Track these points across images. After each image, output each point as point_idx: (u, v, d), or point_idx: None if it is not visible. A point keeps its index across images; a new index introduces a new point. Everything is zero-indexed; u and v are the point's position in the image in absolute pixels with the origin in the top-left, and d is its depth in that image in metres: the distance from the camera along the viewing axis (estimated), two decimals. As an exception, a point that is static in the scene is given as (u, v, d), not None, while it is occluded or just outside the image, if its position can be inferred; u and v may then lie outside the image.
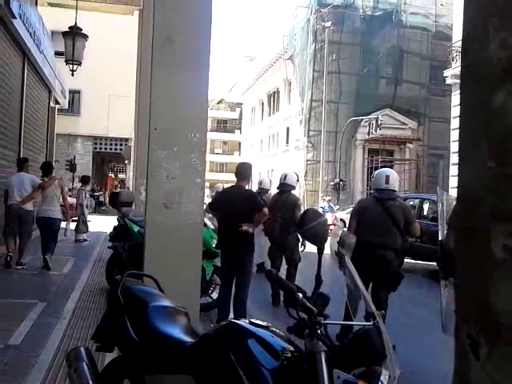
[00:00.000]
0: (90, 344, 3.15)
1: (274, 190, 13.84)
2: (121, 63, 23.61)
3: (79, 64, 12.44)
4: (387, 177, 5.61)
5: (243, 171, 6.09)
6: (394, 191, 5.62)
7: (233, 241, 5.76)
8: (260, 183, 10.85)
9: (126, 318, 2.64)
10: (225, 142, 67.08)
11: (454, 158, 23.78)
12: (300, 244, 7.71)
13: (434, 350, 6.00)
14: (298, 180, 8.72)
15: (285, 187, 8.10)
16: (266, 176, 27.73)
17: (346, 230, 5.97)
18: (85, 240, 13.98)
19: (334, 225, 16.62)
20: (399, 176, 7.51)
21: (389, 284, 5.39)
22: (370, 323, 2.21)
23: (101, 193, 33.36)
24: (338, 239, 5.54)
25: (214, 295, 6.85)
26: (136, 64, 11.44)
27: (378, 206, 5.51)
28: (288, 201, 7.87)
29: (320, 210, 16.27)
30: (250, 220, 5.73)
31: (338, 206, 24.68)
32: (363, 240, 5.44)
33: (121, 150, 29.58)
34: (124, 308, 2.68)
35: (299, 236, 7.42)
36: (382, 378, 2.04)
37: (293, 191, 8.23)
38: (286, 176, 8.22)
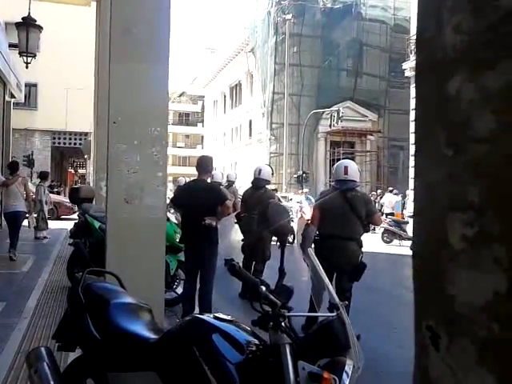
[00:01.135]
0: (52, 344, 3.07)
1: (238, 183, 13.90)
2: (79, 55, 23.03)
3: (34, 56, 12.08)
4: (346, 168, 5.65)
5: (204, 164, 6.05)
6: (354, 181, 5.67)
7: (196, 235, 5.71)
8: (227, 176, 12.15)
9: (88, 316, 2.59)
10: (187, 136, 66.51)
11: (414, 150, 24.26)
12: (276, 241, 7.61)
13: (401, 338, 6.11)
14: (272, 174, 8.58)
15: (260, 182, 7.89)
16: (230, 169, 27.78)
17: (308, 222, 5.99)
18: (45, 237, 13.65)
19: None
20: (360, 168, 7.64)
21: (352, 274, 5.45)
22: (334, 314, 2.22)
23: (60, 189, 32.62)
24: (301, 232, 5.56)
25: (179, 290, 6.80)
26: (94, 56, 11.19)
27: (340, 198, 5.54)
28: (264, 197, 7.59)
29: (297, 205, 16.22)
30: (213, 213, 5.69)
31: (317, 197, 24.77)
32: (326, 232, 5.48)
33: (80, 144, 28.96)
34: (85, 306, 2.62)
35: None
36: (346, 367, 2.05)
37: (267, 186, 8.10)
38: (260, 170, 7.99)
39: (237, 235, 8.44)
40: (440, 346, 0.59)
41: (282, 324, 2.12)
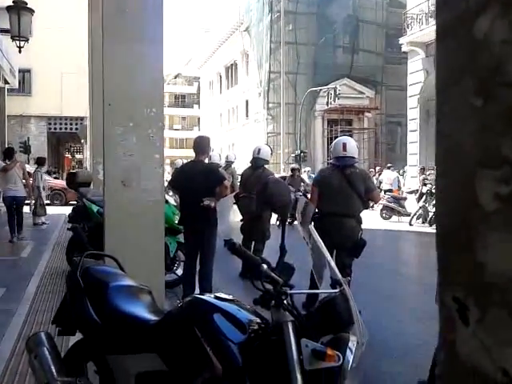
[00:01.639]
0: (53, 328, 3.06)
1: (236, 164, 13.84)
2: (72, 39, 22.80)
3: (26, 40, 11.91)
4: (344, 144, 5.60)
5: (201, 145, 5.99)
6: (353, 158, 5.63)
7: (195, 216, 5.68)
8: (226, 157, 12.19)
9: (87, 300, 2.56)
10: (183, 118, 66.13)
11: (412, 125, 24.14)
12: (276, 219, 7.59)
13: (399, 313, 6.14)
14: (272, 153, 8.54)
15: (258, 162, 7.85)
16: (228, 151, 27.76)
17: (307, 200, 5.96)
18: (43, 223, 13.64)
19: None
20: (358, 145, 7.57)
21: (352, 251, 5.44)
22: (337, 290, 2.20)
23: (58, 174, 32.52)
24: (301, 210, 5.53)
25: (179, 271, 6.81)
26: (88, 38, 11.03)
27: (338, 175, 5.51)
28: (263, 176, 7.53)
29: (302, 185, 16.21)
30: (212, 194, 5.66)
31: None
32: (325, 209, 5.45)
33: (76, 129, 28.78)
34: (84, 290, 2.60)
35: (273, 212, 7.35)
36: (350, 344, 2.03)
37: (266, 165, 8.04)
38: (259, 150, 7.94)
39: (235, 216, 8.42)
40: (469, 320, 0.54)
41: (284, 302, 2.09)
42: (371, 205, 9.54)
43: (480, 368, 0.52)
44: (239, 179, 9.02)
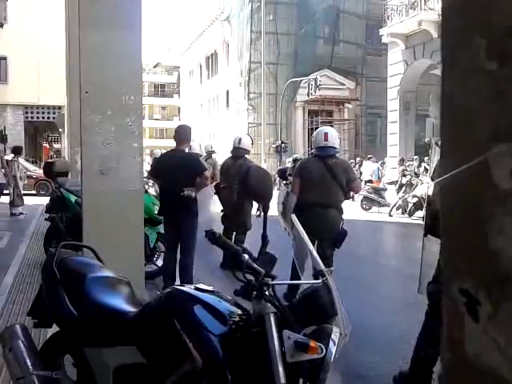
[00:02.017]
0: (29, 321, 2.98)
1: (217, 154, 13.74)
2: (49, 26, 22.38)
3: (0, 26, 11.64)
4: (326, 134, 5.58)
5: (182, 134, 5.91)
6: (335, 148, 5.61)
7: (175, 206, 5.61)
8: (205, 148, 12.39)
9: (63, 292, 2.49)
10: (163, 108, 65.51)
11: (391, 117, 24.27)
12: (256, 210, 7.51)
13: (380, 304, 6.16)
14: (252, 144, 8.45)
15: (239, 152, 7.67)
16: (208, 141, 27.64)
17: (289, 190, 5.92)
18: (21, 213, 13.40)
19: None
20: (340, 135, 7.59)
21: (333, 241, 5.43)
22: (319, 281, 2.17)
23: (36, 164, 32.00)
24: (282, 200, 5.50)
25: (159, 262, 6.74)
26: (65, 25, 10.81)
27: (320, 165, 5.48)
28: (244, 167, 7.28)
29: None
30: (192, 184, 5.59)
31: None
32: (306, 199, 5.42)
33: (54, 118, 28.32)
34: (60, 281, 2.53)
35: (254, 202, 7.29)
36: (332, 335, 2.01)
37: (247, 156, 7.96)
38: (240, 140, 7.77)
39: (216, 206, 8.34)
40: (480, 315, 0.48)
41: (266, 293, 2.05)
42: (352, 195, 9.57)
43: (492, 369, 0.46)
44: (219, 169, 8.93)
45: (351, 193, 6.18)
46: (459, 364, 0.51)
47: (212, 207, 8.83)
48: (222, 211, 7.88)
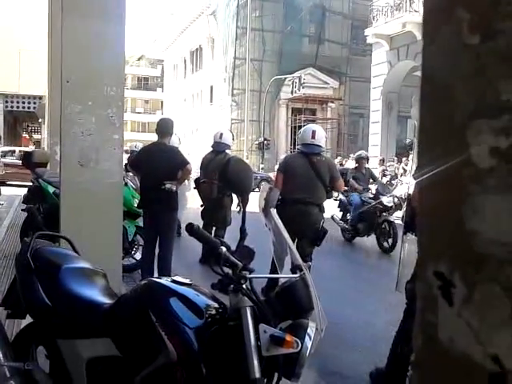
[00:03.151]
0: (2, 311, 2.93)
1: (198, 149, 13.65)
2: (31, 15, 22.04)
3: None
4: (313, 132, 5.58)
5: (164, 127, 5.86)
6: (320, 146, 5.61)
7: (155, 200, 5.56)
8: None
9: (37, 282, 2.45)
10: (146, 101, 65.02)
11: (374, 117, 24.43)
12: (236, 205, 7.44)
13: (357, 300, 6.20)
14: (233, 139, 8.40)
15: (220, 146, 7.66)
16: (191, 136, 27.45)
17: (271, 185, 5.93)
18: (-3, 204, 13.20)
19: None
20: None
21: (313, 239, 5.43)
22: (297, 275, 2.16)
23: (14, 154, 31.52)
24: (264, 195, 5.49)
25: (138, 256, 6.68)
26: (47, 14, 10.65)
27: (304, 162, 5.48)
28: (225, 161, 7.46)
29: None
30: (173, 177, 5.55)
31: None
32: (289, 195, 5.40)
33: (34, 108, 27.94)
34: (34, 271, 2.49)
35: (234, 197, 7.26)
36: (308, 330, 2.00)
37: (228, 151, 7.93)
38: (221, 135, 7.75)
39: (194, 201, 8.30)
40: (454, 298, 0.47)
41: (244, 286, 2.04)
42: (336, 195, 9.55)
43: (466, 354, 0.46)
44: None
45: (333, 192, 6.18)
46: (432, 349, 0.50)
47: (189, 202, 8.78)
48: (201, 206, 7.84)
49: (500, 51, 0.43)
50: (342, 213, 10.55)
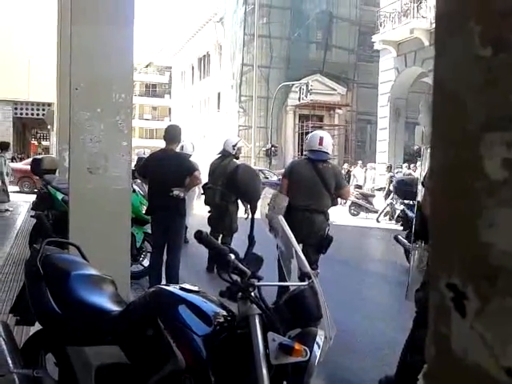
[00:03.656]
0: (12, 318, 2.94)
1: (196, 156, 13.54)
2: (41, 22, 22.23)
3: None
4: (321, 138, 5.51)
5: (172, 134, 5.88)
6: (327, 153, 5.56)
7: (163, 206, 5.57)
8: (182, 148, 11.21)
9: (46, 289, 2.46)
10: (154, 108, 65.31)
11: (382, 123, 24.38)
12: (244, 212, 7.34)
13: (366, 309, 6.17)
14: (234, 146, 8.33)
15: (227, 153, 7.68)
16: (199, 142, 27.35)
17: (276, 191, 5.88)
18: (7, 210, 13.27)
19: None
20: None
21: (319, 247, 5.38)
22: (305, 283, 2.15)
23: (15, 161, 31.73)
24: (268, 201, 5.44)
25: (146, 262, 6.69)
26: (57, 21, 10.73)
27: (310, 168, 5.43)
28: (229, 167, 7.23)
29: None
30: (181, 184, 5.56)
31: None
32: (293, 202, 5.34)
33: (43, 115, 28.13)
34: (44, 278, 2.49)
35: (240, 203, 7.24)
36: (317, 338, 1.99)
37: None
38: (226, 141, 7.82)
39: (201, 207, 8.26)
40: (467, 310, 0.46)
41: (252, 294, 2.03)
42: (344, 202, 9.46)
43: (479, 367, 0.45)
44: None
45: (339, 199, 6.13)
46: (444, 360, 0.50)
47: (195, 208, 8.76)
48: (208, 212, 7.84)
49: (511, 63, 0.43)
50: (406, 231, 8.86)
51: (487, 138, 0.44)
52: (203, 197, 8.11)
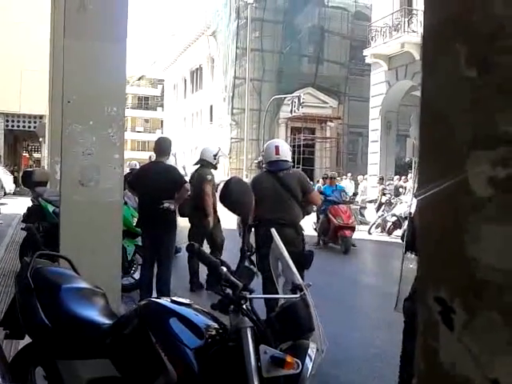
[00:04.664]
0: (1, 331, 2.91)
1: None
2: (34, 36, 22.25)
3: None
4: (277, 147, 5.21)
5: (162, 146, 5.89)
6: (287, 161, 5.22)
7: (154, 219, 5.56)
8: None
9: (37, 302, 2.44)
10: (146, 120, 65.34)
11: (373, 136, 24.52)
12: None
13: (356, 321, 6.16)
14: (215, 155, 7.50)
15: (205, 162, 7.30)
16: (190, 155, 27.26)
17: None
18: (-3, 222, 13.17)
19: None
20: (320, 154, 7.46)
21: (299, 263, 4.95)
22: (297, 296, 2.15)
23: (15, 174, 31.58)
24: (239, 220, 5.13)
25: (137, 275, 6.64)
26: (50, 35, 10.76)
27: (272, 180, 5.08)
28: (196, 176, 7.12)
29: None
30: (171, 196, 5.56)
31: None
32: (261, 217, 4.91)
33: (35, 127, 28.04)
34: (34, 291, 2.48)
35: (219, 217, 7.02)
36: (309, 351, 1.99)
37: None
38: (205, 150, 7.54)
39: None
40: (455, 324, 0.47)
41: (244, 307, 2.03)
42: (314, 209, 8.96)
43: (467, 379, 0.46)
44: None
45: (311, 207, 5.83)
46: (433, 373, 0.50)
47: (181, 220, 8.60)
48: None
49: (496, 84, 0.44)
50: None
51: (473, 156, 0.45)
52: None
